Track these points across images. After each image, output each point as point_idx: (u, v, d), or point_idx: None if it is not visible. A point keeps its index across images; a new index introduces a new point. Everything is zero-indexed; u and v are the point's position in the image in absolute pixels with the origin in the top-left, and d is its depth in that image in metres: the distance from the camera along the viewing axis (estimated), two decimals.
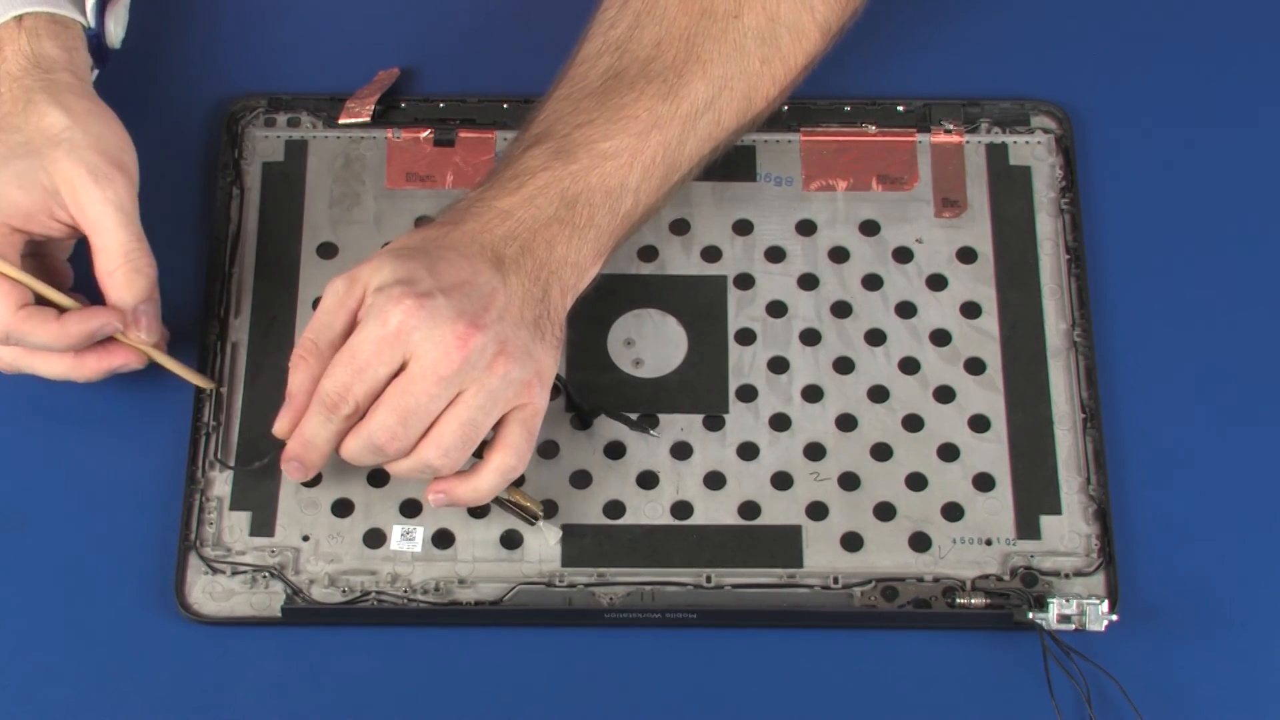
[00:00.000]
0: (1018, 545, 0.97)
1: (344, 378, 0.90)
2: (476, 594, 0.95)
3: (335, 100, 1.07)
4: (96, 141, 0.94)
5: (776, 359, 1.01)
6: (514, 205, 0.93)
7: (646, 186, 0.95)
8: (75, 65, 0.97)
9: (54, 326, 0.92)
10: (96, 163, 0.93)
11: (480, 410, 0.90)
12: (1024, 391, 1.00)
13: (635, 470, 0.98)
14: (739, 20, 0.97)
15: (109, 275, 0.93)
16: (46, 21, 0.97)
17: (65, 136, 0.93)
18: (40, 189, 0.93)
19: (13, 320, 0.92)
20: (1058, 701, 0.93)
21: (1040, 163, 1.06)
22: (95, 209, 0.93)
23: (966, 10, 1.11)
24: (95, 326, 0.93)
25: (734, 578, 0.96)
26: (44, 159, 0.93)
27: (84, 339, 0.93)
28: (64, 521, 0.97)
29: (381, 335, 0.89)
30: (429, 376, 0.89)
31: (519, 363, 0.90)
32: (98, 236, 0.93)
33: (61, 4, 0.98)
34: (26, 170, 0.93)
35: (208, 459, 0.98)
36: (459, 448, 0.91)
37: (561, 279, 0.93)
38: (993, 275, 1.03)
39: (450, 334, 0.89)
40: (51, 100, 0.94)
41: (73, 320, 0.92)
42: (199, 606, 0.95)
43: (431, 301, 0.89)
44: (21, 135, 0.94)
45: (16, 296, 0.92)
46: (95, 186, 0.93)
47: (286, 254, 1.03)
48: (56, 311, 0.93)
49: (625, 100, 0.95)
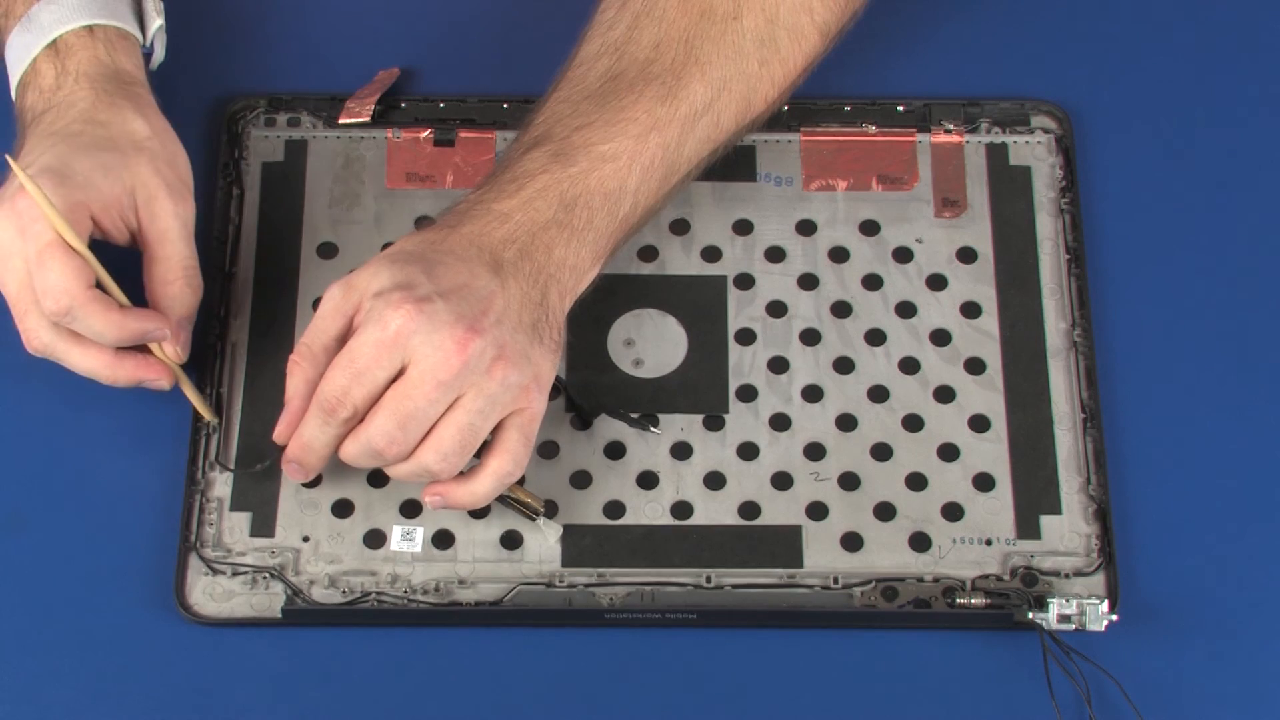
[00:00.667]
0: (1018, 545, 0.97)
1: (342, 381, 0.90)
2: (476, 594, 0.95)
3: (335, 100, 1.07)
4: (172, 157, 0.97)
5: (776, 359, 1.01)
6: (512, 208, 0.93)
7: (645, 189, 0.95)
8: (144, 82, 1.00)
9: (115, 316, 0.93)
10: (173, 179, 0.96)
11: (479, 415, 0.90)
12: (1024, 391, 1.00)
13: (635, 470, 0.98)
14: (738, 22, 0.97)
15: (166, 285, 0.95)
16: (117, 35, 1.00)
17: (148, 145, 0.96)
18: (122, 185, 0.94)
19: (81, 298, 0.92)
20: (1058, 701, 0.93)
21: (1040, 163, 1.06)
22: (166, 220, 0.95)
23: (966, 10, 1.11)
24: (151, 327, 0.94)
25: (734, 578, 0.96)
26: (128, 159, 0.95)
27: (136, 337, 0.94)
28: (64, 521, 0.97)
29: (381, 339, 0.89)
30: (428, 381, 0.89)
31: (517, 367, 0.90)
32: (162, 247, 0.95)
33: (127, 19, 1.00)
34: (113, 164, 0.94)
35: (208, 460, 0.98)
36: (457, 452, 0.91)
37: (560, 282, 0.93)
38: (993, 275, 1.03)
39: (449, 338, 0.89)
40: (135, 109, 0.97)
41: (132, 316, 0.94)
42: (199, 607, 0.95)
43: (430, 306, 0.89)
44: (107, 131, 0.95)
45: (87, 276, 0.92)
46: (170, 199, 0.95)
47: (286, 254, 1.03)
48: (117, 302, 0.94)
49: (624, 102, 0.95)
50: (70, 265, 0.91)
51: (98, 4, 0.99)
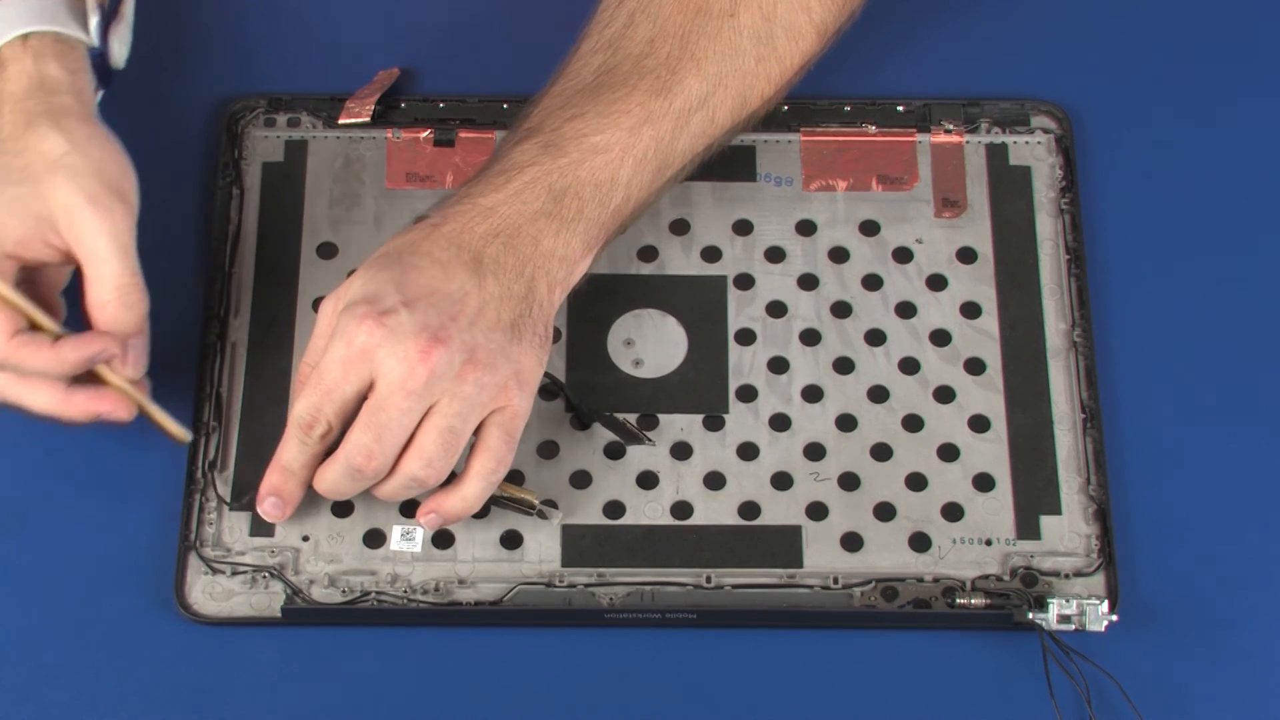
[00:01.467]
0: (1018, 545, 0.97)
1: (314, 399, 0.90)
2: (476, 594, 0.95)
3: (335, 100, 1.07)
4: (97, 168, 0.92)
5: (776, 359, 1.01)
6: (499, 201, 0.93)
7: (638, 181, 0.95)
8: (79, 88, 0.96)
9: (49, 352, 0.91)
10: (96, 190, 0.92)
11: (458, 417, 0.90)
12: (1024, 391, 1.00)
13: (635, 470, 0.98)
14: (735, 19, 0.97)
15: (100, 307, 0.92)
16: (51, 41, 0.95)
17: (65, 162, 0.92)
18: (34, 215, 0.91)
19: (7, 346, 0.90)
20: (1058, 701, 0.93)
21: (1040, 163, 1.06)
22: (91, 238, 0.91)
23: (966, 10, 1.11)
24: (92, 353, 0.91)
25: (734, 578, 0.96)
26: (41, 184, 0.91)
27: (79, 365, 0.91)
28: (64, 521, 0.97)
29: (346, 355, 0.89)
30: (398, 392, 0.89)
31: (491, 368, 0.90)
32: (92, 266, 0.91)
33: (67, 23, 0.96)
34: (22, 195, 0.91)
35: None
36: (442, 456, 0.91)
37: (549, 272, 0.93)
38: (993, 275, 1.03)
39: (413, 349, 0.89)
40: (53, 124, 0.93)
41: (68, 345, 0.91)
42: (199, 607, 0.95)
43: (393, 318, 0.89)
44: (20, 159, 0.92)
45: (10, 322, 0.90)
46: (93, 215, 0.91)
47: (286, 254, 1.03)
48: (51, 339, 0.91)
49: (617, 95, 0.95)
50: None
51: (33, 11, 0.95)
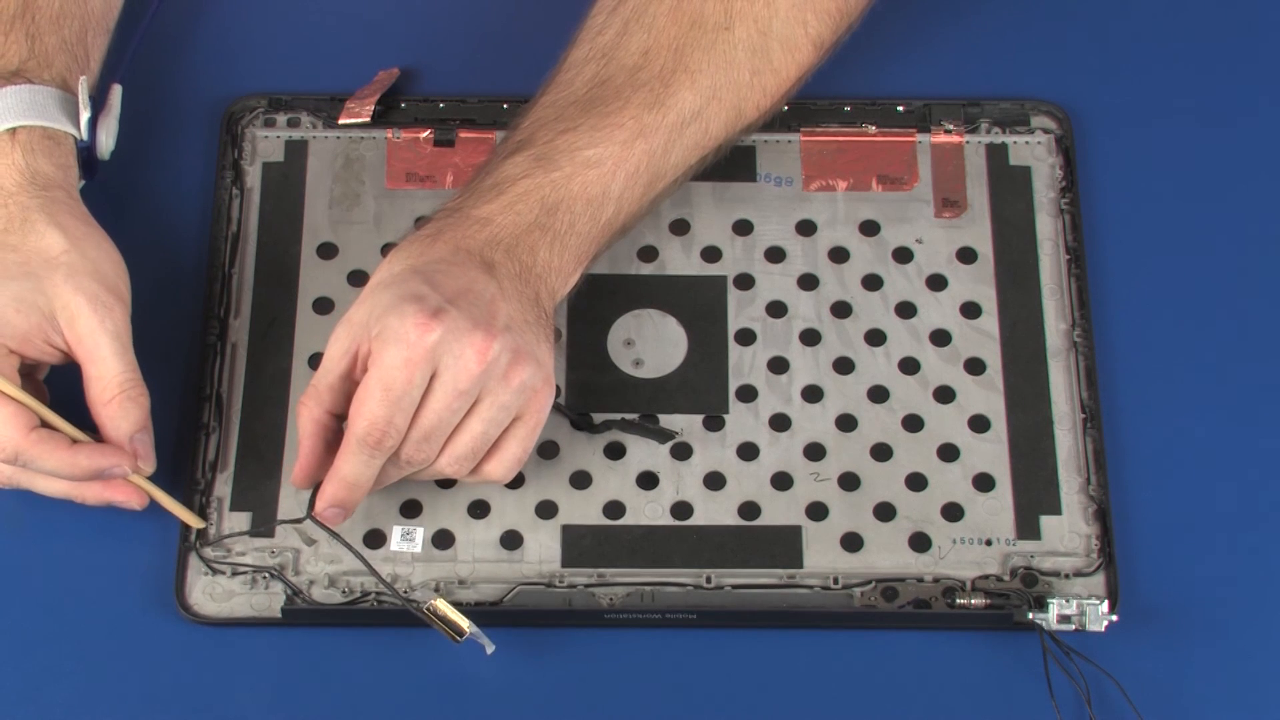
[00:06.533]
0: (1018, 545, 0.97)
1: (382, 412, 0.88)
2: (476, 594, 0.95)
3: (335, 100, 1.07)
4: (94, 268, 0.92)
5: (776, 359, 1.01)
6: (493, 212, 0.93)
7: (630, 195, 0.95)
8: (69, 183, 0.95)
9: (65, 455, 0.90)
10: (95, 291, 0.91)
11: (492, 423, 0.91)
12: (1024, 391, 1.00)
13: (635, 470, 0.98)
14: (729, 33, 0.96)
15: (104, 405, 0.91)
16: (40, 136, 0.95)
17: (64, 260, 0.91)
18: (38, 312, 0.91)
19: (24, 442, 0.89)
20: (1058, 702, 0.93)
21: (1040, 163, 1.06)
22: (93, 338, 0.91)
23: (966, 10, 1.11)
24: (106, 465, 0.91)
25: (734, 578, 0.96)
26: (42, 282, 0.91)
27: (92, 474, 0.91)
28: (64, 522, 0.97)
29: (409, 357, 0.88)
30: (449, 392, 0.89)
31: (530, 368, 0.90)
32: (94, 366, 0.91)
33: (56, 117, 0.96)
34: (24, 292, 0.91)
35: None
36: (469, 458, 0.91)
37: (548, 284, 0.93)
38: (993, 275, 1.03)
39: (469, 345, 0.88)
40: (49, 220, 0.92)
41: (84, 454, 0.91)
42: (199, 607, 0.95)
43: (448, 316, 0.88)
44: (18, 255, 0.92)
45: (25, 419, 0.90)
46: (94, 315, 0.91)
47: (286, 254, 1.03)
48: (67, 438, 0.91)
49: (610, 108, 0.95)
50: (5, 411, 0.89)
51: (23, 105, 0.95)
